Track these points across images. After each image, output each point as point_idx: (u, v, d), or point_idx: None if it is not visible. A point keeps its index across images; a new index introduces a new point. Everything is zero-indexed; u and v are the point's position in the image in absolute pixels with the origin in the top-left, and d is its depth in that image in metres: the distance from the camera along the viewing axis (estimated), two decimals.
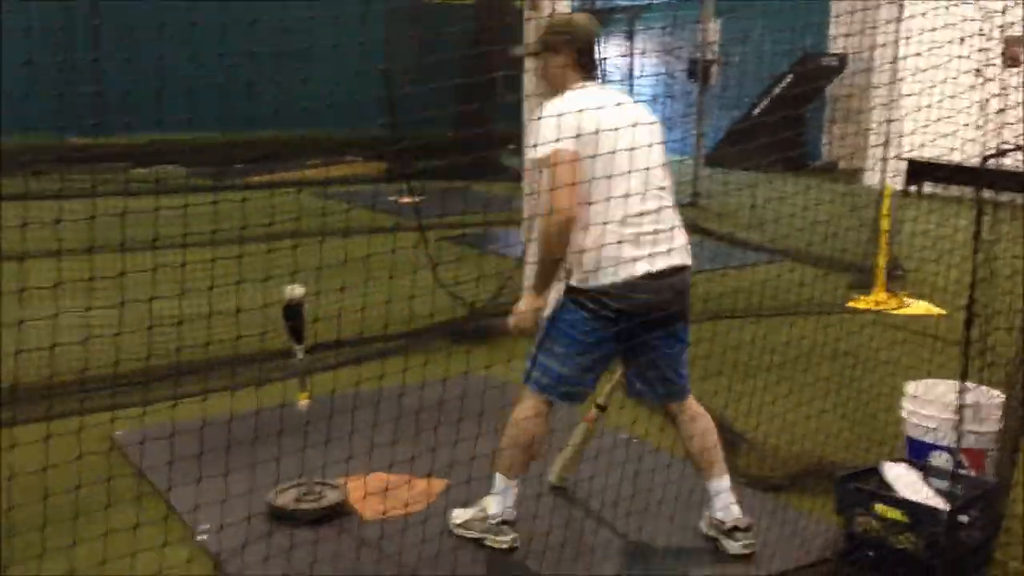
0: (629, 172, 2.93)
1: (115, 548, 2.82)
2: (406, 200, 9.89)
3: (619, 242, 2.91)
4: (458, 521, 3.31)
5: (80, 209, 3.11)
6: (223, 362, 4.43)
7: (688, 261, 3.09)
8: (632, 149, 2.95)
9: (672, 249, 3.03)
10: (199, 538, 3.20)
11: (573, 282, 3.01)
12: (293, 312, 3.32)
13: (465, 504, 3.34)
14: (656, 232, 2.98)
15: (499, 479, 3.20)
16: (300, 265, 3.37)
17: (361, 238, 6.27)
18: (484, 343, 5.60)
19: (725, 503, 3.18)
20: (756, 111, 14.42)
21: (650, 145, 3.03)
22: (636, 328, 2.99)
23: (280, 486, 3.39)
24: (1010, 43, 4.64)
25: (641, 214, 2.96)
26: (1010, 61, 4.63)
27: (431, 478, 3.62)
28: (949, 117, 4.16)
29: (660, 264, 2.97)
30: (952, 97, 4.16)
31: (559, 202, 2.88)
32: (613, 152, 2.91)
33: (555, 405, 3.15)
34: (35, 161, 9.90)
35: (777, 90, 14.29)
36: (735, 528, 3.17)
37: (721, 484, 3.18)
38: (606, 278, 2.92)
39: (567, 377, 3.06)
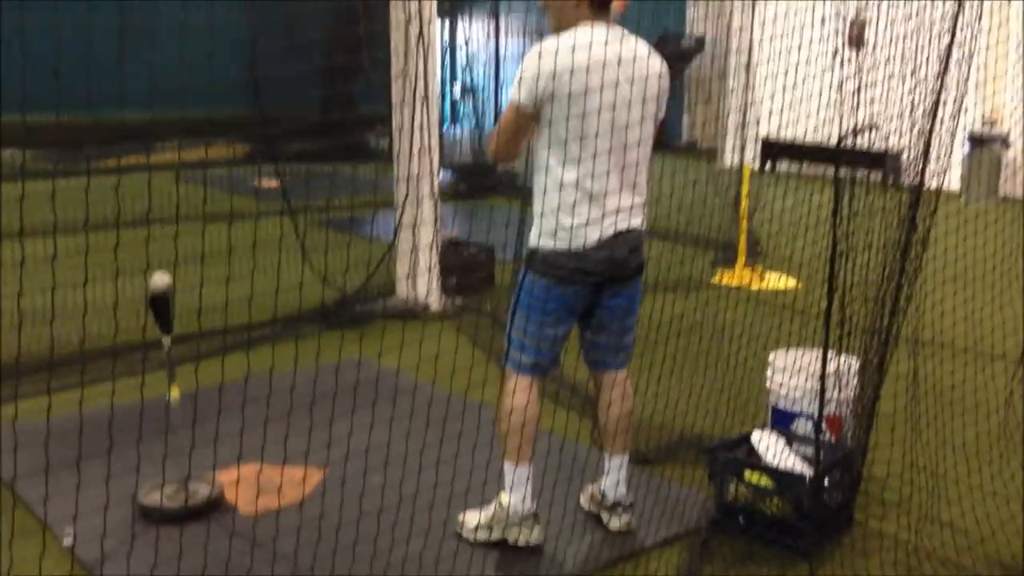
0: (605, 132, 2.82)
1: None
2: (269, 184, 9.65)
3: (578, 204, 2.85)
4: (472, 524, 3.17)
5: None
6: (80, 356, 4.21)
7: (641, 224, 3.04)
8: (615, 108, 2.84)
9: (628, 213, 2.96)
10: (65, 543, 3.04)
11: (532, 244, 2.97)
12: (160, 301, 3.19)
13: (465, 505, 3.22)
14: (619, 197, 2.92)
15: (508, 468, 3.06)
16: (161, 253, 3.23)
17: (225, 223, 6.08)
18: (357, 328, 5.54)
19: (615, 480, 3.21)
20: None
21: (641, 101, 2.90)
22: (593, 288, 2.98)
23: (149, 484, 3.26)
24: (854, 25, 4.84)
25: (611, 177, 2.88)
26: (854, 43, 4.85)
27: (308, 467, 3.55)
28: (803, 98, 4.33)
29: (614, 229, 2.93)
30: (808, 79, 4.33)
31: (491, 146, 3.04)
32: (595, 106, 2.79)
33: (538, 379, 3.08)
34: None
35: None
36: (618, 504, 3.22)
37: (621, 460, 3.20)
38: (565, 242, 2.88)
39: (541, 349, 3.02)
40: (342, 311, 5.72)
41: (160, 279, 3.20)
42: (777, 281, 6.65)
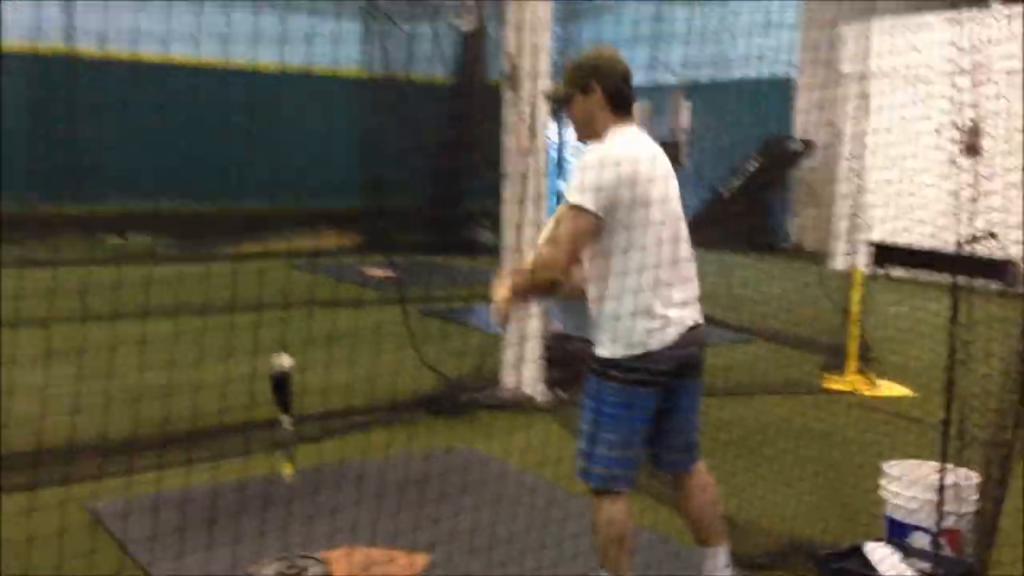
0: (662, 226, 2.85)
1: None
2: (377, 272, 9.96)
3: (657, 303, 2.85)
4: None
5: (54, 278, 3.11)
6: (204, 433, 4.40)
7: (701, 318, 3.02)
8: (667, 200, 2.90)
9: (693, 303, 2.98)
10: None
11: (608, 353, 2.88)
12: (280, 381, 3.33)
13: None
14: (683, 293, 2.94)
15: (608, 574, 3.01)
16: (278, 337, 3.40)
17: (336, 310, 6.31)
18: (462, 417, 5.61)
19: (718, 567, 3.15)
20: (725, 193, 14.74)
21: (676, 195, 2.98)
22: (668, 389, 2.95)
23: (262, 559, 3.35)
24: (969, 133, 4.81)
25: (672, 275, 2.90)
26: (969, 151, 4.82)
27: (414, 553, 3.60)
28: (917, 205, 4.30)
29: (688, 322, 2.92)
30: (923, 185, 4.31)
31: (556, 256, 2.82)
32: (648, 200, 2.83)
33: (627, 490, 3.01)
34: (14, 228, 9.88)
35: (744, 172, 14.64)
36: None
37: (723, 550, 3.16)
38: (645, 344, 2.83)
39: (630, 459, 2.95)
40: (448, 399, 5.81)
41: (282, 360, 3.35)
42: (889, 388, 6.48)
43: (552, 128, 15.16)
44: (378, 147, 11.38)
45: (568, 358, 6.40)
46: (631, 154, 2.86)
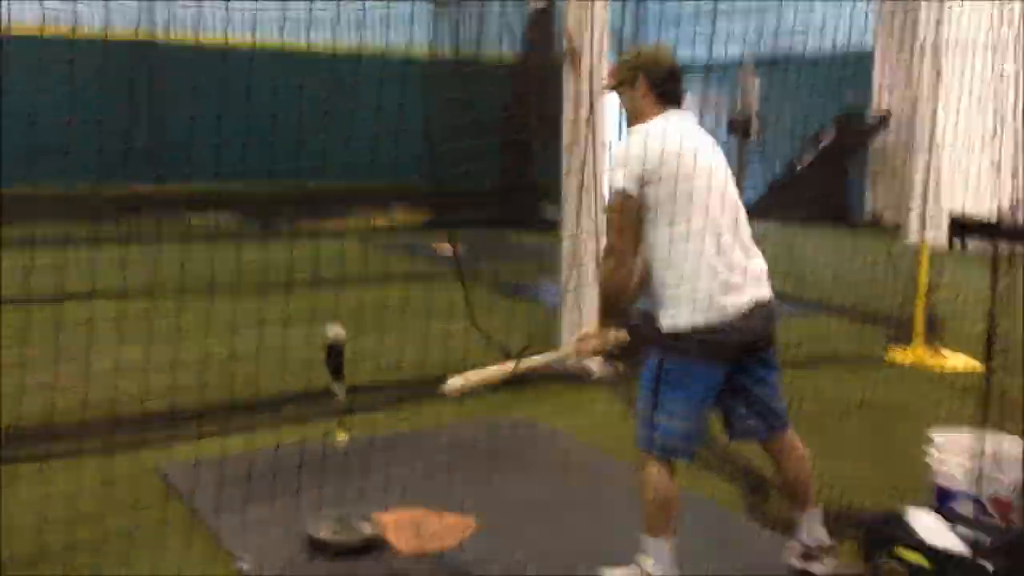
0: (710, 203, 2.93)
1: (163, 571, 2.97)
2: (446, 248, 10.11)
3: (710, 280, 2.90)
4: None
5: (139, 254, 3.30)
6: (268, 400, 4.59)
7: (767, 293, 3.06)
8: (712, 179, 2.97)
9: (760, 281, 3.03)
10: (242, 567, 3.32)
11: (670, 327, 2.95)
12: (334, 351, 3.47)
13: (611, 562, 3.25)
14: (744, 268, 2.98)
15: (651, 541, 3.08)
16: (342, 309, 3.55)
17: (406, 285, 6.46)
18: (521, 389, 5.71)
19: (813, 530, 3.22)
20: (799, 166, 14.50)
21: (726, 176, 3.04)
22: (738, 362, 3.02)
23: (319, 518, 3.51)
24: None
25: (728, 244, 2.96)
26: None
27: (465, 516, 3.72)
28: (997, 177, 4.19)
29: (752, 298, 2.96)
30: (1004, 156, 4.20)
31: (614, 259, 2.97)
32: (692, 182, 2.91)
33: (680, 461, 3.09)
34: (97, 208, 10.31)
35: (819, 145, 14.38)
36: (820, 549, 3.21)
37: (812, 515, 3.22)
38: (705, 318, 2.89)
39: (692, 432, 3.02)
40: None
41: (335, 330, 3.49)
42: (956, 361, 6.36)
43: (614, 103, 15.12)
44: (448, 126, 11.51)
45: (627, 331, 6.45)
46: (664, 132, 2.95)
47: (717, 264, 2.93)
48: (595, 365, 6.10)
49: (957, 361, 6.36)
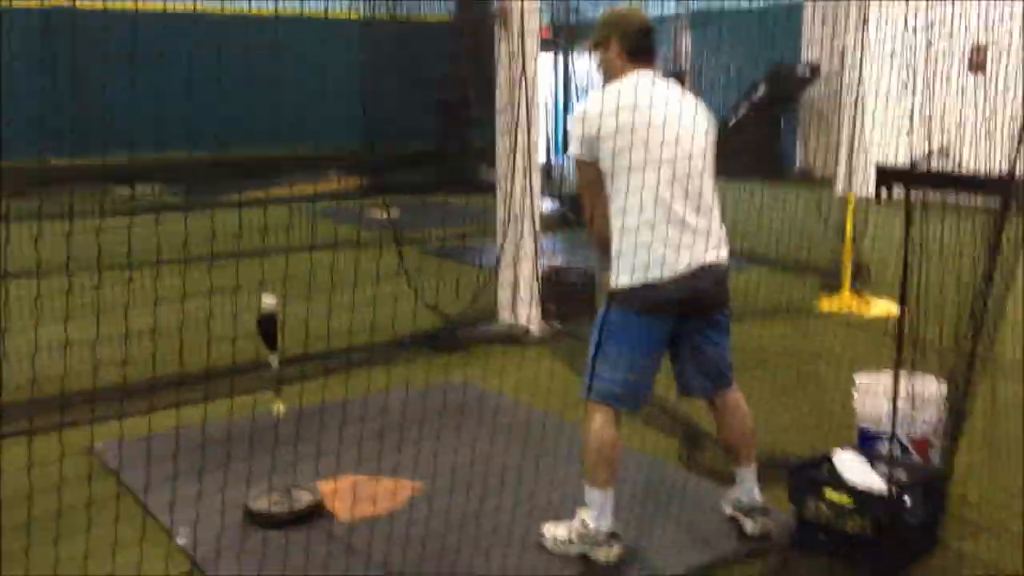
0: (661, 164, 2.99)
1: (97, 550, 2.95)
2: (380, 214, 10.06)
3: (656, 239, 2.98)
4: (557, 537, 3.27)
5: (59, 229, 3.23)
6: (199, 374, 4.54)
7: (725, 258, 3.15)
8: (664, 141, 2.98)
9: (711, 243, 3.09)
10: (179, 541, 3.32)
11: (614, 284, 3.07)
12: (267, 321, 3.45)
13: (554, 518, 3.36)
14: (695, 228, 3.04)
15: (592, 492, 3.17)
16: (275, 279, 3.51)
17: (337, 252, 6.40)
18: (460, 352, 5.75)
19: (748, 488, 3.35)
20: (732, 121, 14.64)
21: (690, 136, 3.07)
22: (682, 320, 3.11)
23: (256, 490, 3.51)
24: (975, 49, 4.79)
25: (680, 208, 3.02)
26: (975, 68, 4.79)
27: (404, 480, 3.75)
28: (918, 126, 4.28)
29: (701, 259, 3.04)
30: (925, 104, 4.29)
31: (585, 209, 3.21)
32: (646, 141, 2.97)
33: (623, 410, 3.18)
34: (17, 183, 10.03)
35: (751, 100, 14.52)
36: (753, 509, 3.34)
37: (749, 470, 3.34)
38: (643, 275, 2.99)
39: (632, 383, 3.11)
40: (446, 335, 5.94)
41: (267, 300, 3.47)
42: (882, 308, 6.55)
43: (549, 63, 15.05)
44: (380, 89, 11.38)
45: (565, 291, 6.51)
46: (618, 93, 3.04)
47: (663, 222, 3.00)
48: (534, 325, 6.15)
49: (882, 307, 6.54)
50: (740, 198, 6.19)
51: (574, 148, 3.13)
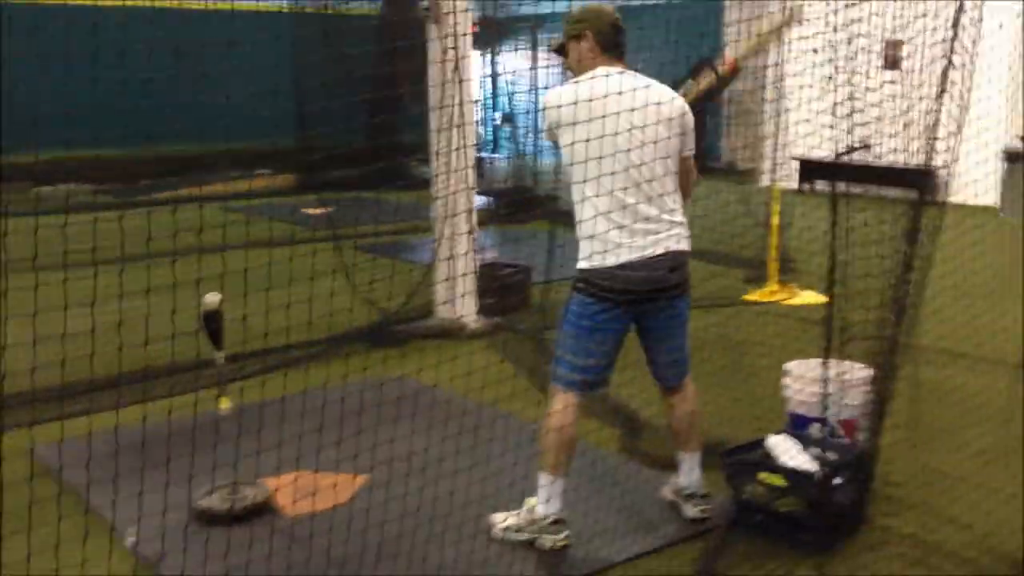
0: (614, 156, 3.10)
1: (41, 550, 2.93)
2: (315, 211, 10.02)
3: (609, 228, 3.10)
4: (504, 525, 3.37)
5: None
6: (139, 373, 4.51)
7: (682, 246, 3.25)
8: (618, 134, 3.09)
9: (665, 235, 3.18)
10: (127, 541, 3.30)
11: (577, 268, 3.23)
12: (212, 318, 3.46)
13: (496, 507, 3.46)
14: (647, 218, 3.15)
15: (544, 477, 3.27)
16: (211, 278, 3.51)
17: (273, 250, 6.38)
18: (397, 348, 5.78)
19: (688, 474, 3.46)
20: None
21: (643, 127, 3.14)
22: (641, 309, 3.22)
23: (203, 488, 3.51)
24: (890, 45, 4.98)
25: (632, 199, 3.13)
26: (890, 63, 5.00)
27: (349, 474, 3.79)
28: (837, 118, 4.46)
29: (651, 251, 3.14)
30: (844, 99, 4.48)
31: None
32: (601, 137, 3.08)
33: (582, 396, 3.29)
34: None
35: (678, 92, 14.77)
36: (693, 494, 3.46)
37: (692, 457, 3.46)
38: (598, 261, 3.14)
39: (585, 367, 3.23)
40: (383, 331, 5.97)
41: (211, 298, 3.48)
42: (807, 297, 6.78)
43: (478, 60, 15.09)
44: (310, 84, 11.29)
45: (501, 285, 6.59)
46: (577, 87, 3.19)
47: (617, 210, 3.12)
48: (470, 320, 6.22)
49: (808, 297, 6.77)
50: None
51: (545, 135, 3.29)
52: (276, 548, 3.26)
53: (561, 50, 3.40)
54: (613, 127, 3.10)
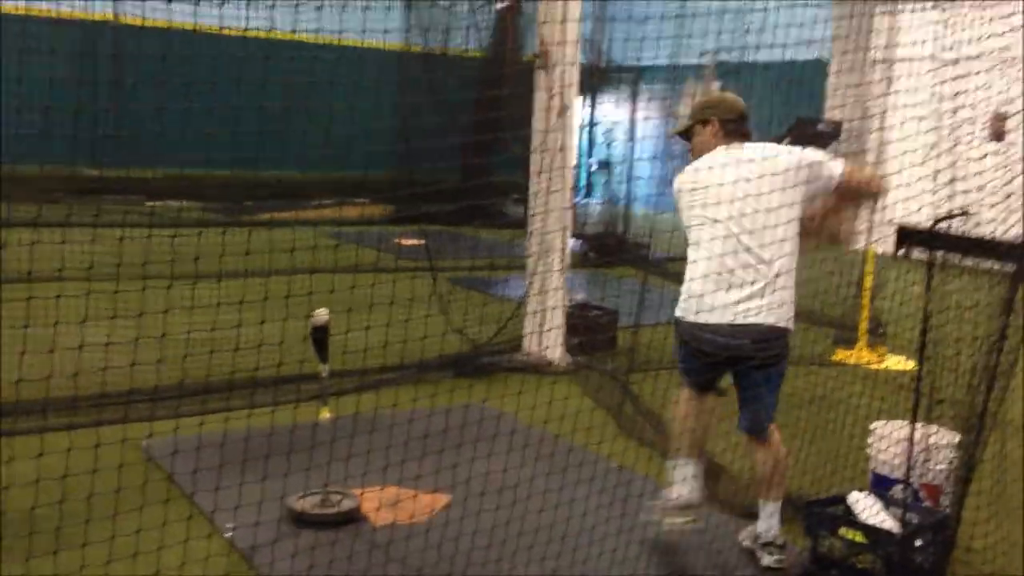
0: (706, 225, 3.42)
1: (146, 543, 3.15)
2: (409, 241, 10.30)
3: (704, 287, 3.38)
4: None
5: (108, 237, 3.47)
6: (247, 382, 4.77)
7: (771, 320, 3.38)
8: (730, 201, 3.38)
9: (756, 305, 3.35)
10: (226, 536, 3.50)
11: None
12: (320, 333, 3.66)
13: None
14: (743, 284, 3.35)
15: (668, 464, 3.75)
16: (317, 297, 3.74)
17: (372, 275, 6.63)
18: (484, 378, 5.94)
19: (768, 520, 3.54)
20: None
21: (757, 195, 3.35)
22: (718, 366, 3.50)
23: (300, 493, 3.70)
24: (996, 118, 5.01)
25: (731, 263, 3.36)
26: (994, 136, 5.02)
27: (435, 493, 3.94)
28: (938, 188, 4.49)
29: (739, 319, 3.34)
30: (946, 169, 4.53)
31: None
32: (705, 205, 3.43)
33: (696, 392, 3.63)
34: (50, 190, 10.31)
35: None
36: (770, 543, 3.53)
37: (772, 506, 3.54)
38: (682, 313, 3.49)
39: (688, 372, 3.62)
40: (471, 361, 6.14)
41: (321, 313, 3.68)
42: (896, 362, 6.73)
43: (580, 108, 15.33)
44: (414, 120, 11.66)
45: (589, 326, 6.71)
46: (695, 167, 3.54)
47: (714, 275, 3.38)
48: (556, 356, 6.35)
49: (896, 361, 6.72)
50: None
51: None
52: (360, 553, 3.43)
53: (685, 133, 3.67)
54: (723, 194, 3.36)
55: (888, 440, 3.77)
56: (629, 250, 11.06)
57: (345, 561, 3.33)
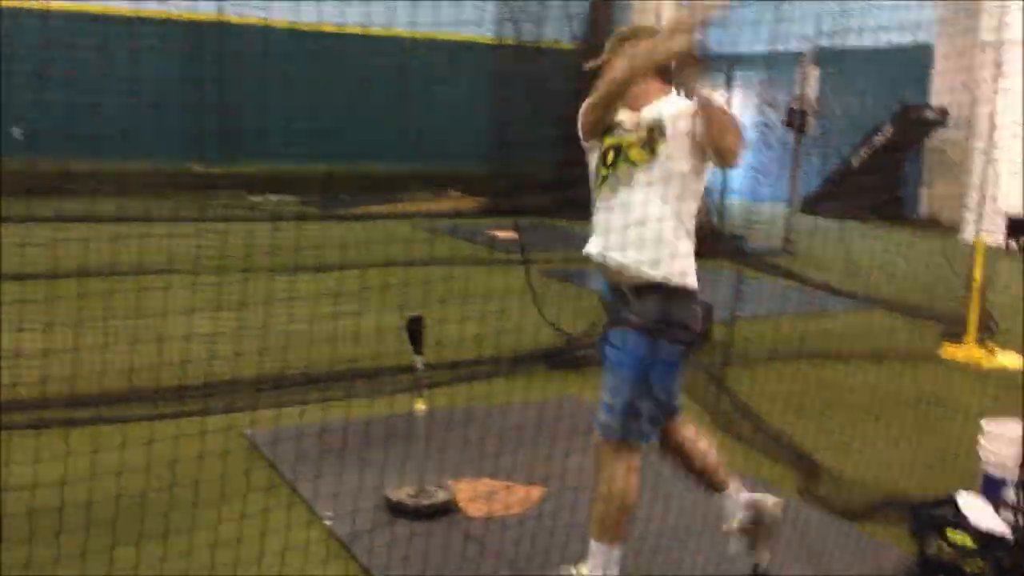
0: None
1: (249, 529, 3.24)
2: (504, 234, 10.35)
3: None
4: None
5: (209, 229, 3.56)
6: (345, 373, 4.86)
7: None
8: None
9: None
10: (326, 523, 3.58)
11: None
12: (415, 325, 3.70)
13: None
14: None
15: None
16: (409, 293, 3.78)
17: (464, 269, 6.70)
18: (578, 371, 5.92)
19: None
20: (854, 161, 14.47)
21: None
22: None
23: (396, 483, 3.76)
24: None
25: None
26: None
27: (530, 486, 3.94)
28: None
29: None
30: None
31: None
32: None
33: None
34: (159, 186, 10.70)
35: (876, 141, 14.32)
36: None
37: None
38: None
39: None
40: (565, 354, 6.12)
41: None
42: (1008, 359, 6.44)
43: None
44: (508, 112, 11.70)
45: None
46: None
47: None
48: None
49: (1007, 358, 6.44)
50: (861, 240, 6.25)
51: None
52: (455, 544, 3.45)
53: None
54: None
55: (1000, 440, 3.62)
56: (724, 241, 10.87)
57: (440, 552, 3.36)
